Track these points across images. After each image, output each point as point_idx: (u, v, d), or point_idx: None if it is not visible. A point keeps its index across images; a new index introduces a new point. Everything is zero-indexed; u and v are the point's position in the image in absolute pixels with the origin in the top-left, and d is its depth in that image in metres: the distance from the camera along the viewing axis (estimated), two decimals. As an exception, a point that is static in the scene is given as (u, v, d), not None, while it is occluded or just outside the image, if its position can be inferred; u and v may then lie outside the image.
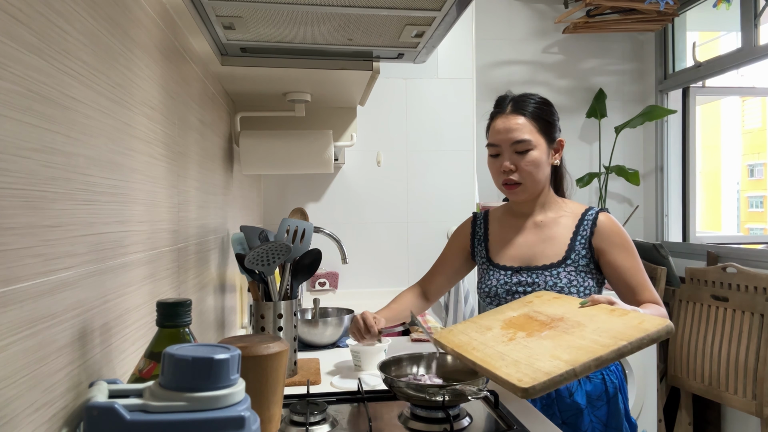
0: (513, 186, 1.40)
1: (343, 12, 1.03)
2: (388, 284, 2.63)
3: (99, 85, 0.72)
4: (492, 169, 1.44)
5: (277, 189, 2.60)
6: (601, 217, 1.39)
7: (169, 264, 1.05)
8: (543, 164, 1.39)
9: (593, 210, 1.41)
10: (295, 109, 1.84)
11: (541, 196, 1.44)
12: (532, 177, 1.38)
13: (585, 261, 1.37)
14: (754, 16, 2.75)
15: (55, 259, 0.60)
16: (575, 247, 1.38)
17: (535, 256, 1.41)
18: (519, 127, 1.38)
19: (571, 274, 1.37)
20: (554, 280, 1.37)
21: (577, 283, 1.36)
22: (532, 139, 1.37)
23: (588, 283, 1.37)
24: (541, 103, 1.42)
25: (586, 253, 1.37)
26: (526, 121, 1.38)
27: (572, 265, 1.37)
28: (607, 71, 3.41)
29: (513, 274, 1.42)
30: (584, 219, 1.40)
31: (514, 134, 1.37)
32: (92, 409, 0.52)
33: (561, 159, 1.47)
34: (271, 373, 0.88)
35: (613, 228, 1.38)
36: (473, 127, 2.69)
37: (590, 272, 1.38)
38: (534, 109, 1.40)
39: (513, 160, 1.38)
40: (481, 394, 1.08)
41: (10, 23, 0.52)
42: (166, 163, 1.05)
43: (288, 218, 1.42)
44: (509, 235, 1.48)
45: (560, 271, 1.37)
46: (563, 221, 1.42)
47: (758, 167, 9.47)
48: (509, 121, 1.39)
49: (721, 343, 2.56)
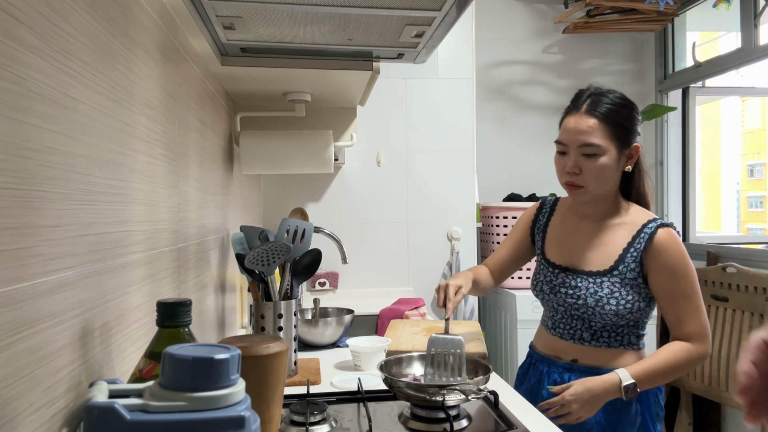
0: (575, 188, 1.34)
1: (343, 12, 1.03)
2: (388, 284, 2.63)
3: (99, 85, 0.72)
4: (557, 167, 1.38)
5: (277, 189, 2.60)
6: (660, 233, 1.30)
7: (169, 264, 1.05)
8: (610, 171, 1.32)
9: (655, 222, 1.33)
10: (295, 109, 1.84)
11: (606, 200, 1.38)
12: (596, 183, 1.32)
13: (633, 275, 1.31)
14: (754, 16, 2.75)
15: (55, 259, 0.60)
16: (625, 259, 1.32)
17: (584, 260, 1.37)
18: (589, 130, 1.30)
19: (615, 285, 1.32)
20: (596, 288, 1.33)
21: (618, 296, 1.31)
22: (602, 144, 1.29)
23: (632, 298, 1.31)
24: (620, 106, 1.33)
25: (635, 267, 1.31)
26: (598, 123, 1.30)
27: (618, 276, 1.32)
28: (607, 71, 3.42)
29: (559, 273, 1.40)
30: (642, 231, 1.32)
31: (583, 137, 1.30)
32: (92, 409, 0.52)
33: (638, 164, 1.38)
34: (271, 373, 0.88)
35: (669, 248, 1.29)
36: (473, 127, 2.69)
37: (637, 287, 1.32)
38: (610, 112, 1.31)
39: (578, 162, 1.31)
40: (481, 394, 1.08)
41: (10, 23, 0.52)
42: (166, 163, 1.05)
43: (288, 218, 1.42)
44: (566, 233, 1.44)
45: (604, 280, 1.33)
46: (621, 229, 1.35)
47: (758, 167, 9.47)
48: (581, 121, 1.31)
49: (721, 343, 2.56)
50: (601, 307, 1.32)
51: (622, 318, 1.32)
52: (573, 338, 1.38)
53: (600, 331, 1.36)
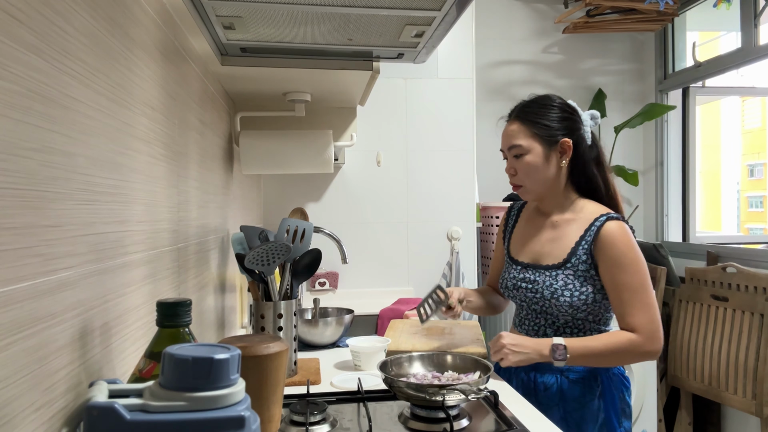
0: (517, 188, 1.45)
1: (343, 12, 1.03)
2: (388, 284, 2.63)
3: (99, 85, 0.72)
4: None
5: (277, 189, 2.60)
6: (608, 225, 1.35)
7: (169, 264, 1.05)
8: (539, 167, 1.40)
9: (605, 216, 1.37)
10: (295, 109, 1.84)
11: (557, 197, 1.44)
12: (530, 180, 1.41)
13: (585, 267, 1.36)
14: (754, 16, 2.75)
15: (55, 259, 0.60)
16: (577, 252, 1.37)
17: (543, 256, 1.43)
18: (513, 133, 1.42)
19: (569, 277, 1.36)
20: (551, 281, 1.38)
21: (572, 287, 1.36)
22: (524, 144, 1.40)
23: (585, 289, 1.35)
24: (537, 105, 1.42)
25: (586, 259, 1.36)
26: (519, 125, 1.42)
27: (571, 268, 1.37)
28: (607, 71, 3.41)
29: (521, 269, 1.46)
30: (593, 224, 1.37)
31: (509, 140, 1.43)
32: (92, 409, 0.52)
33: (584, 159, 1.42)
34: (271, 373, 0.88)
35: (615, 240, 1.33)
36: (473, 127, 2.69)
37: (591, 278, 1.36)
38: (527, 113, 1.42)
39: (512, 164, 1.44)
40: (481, 394, 1.08)
41: (10, 23, 0.52)
42: (166, 163, 1.05)
43: (288, 218, 1.42)
44: (528, 232, 1.51)
45: (559, 273, 1.38)
46: (575, 224, 1.41)
47: (758, 167, 9.47)
48: (507, 127, 1.45)
49: (721, 343, 2.56)
50: (555, 299, 1.36)
51: (578, 310, 1.36)
52: (537, 334, 1.43)
53: (563, 327, 1.40)
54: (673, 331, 2.80)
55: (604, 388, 1.37)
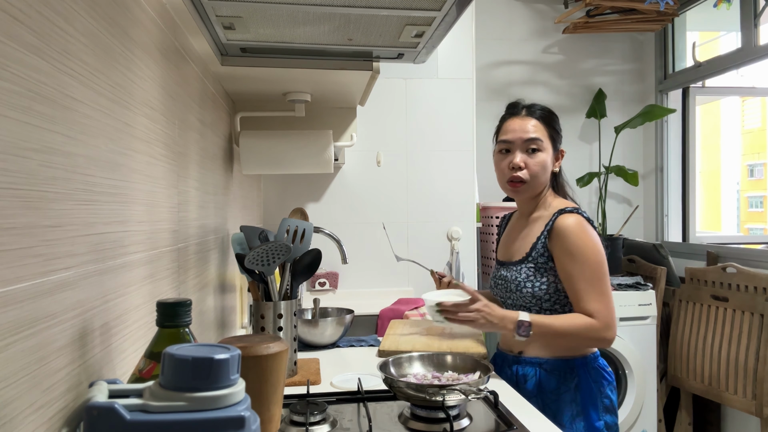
0: (518, 184, 1.47)
1: (343, 12, 1.03)
2: (388, 284, 2.63)
3: (99, 85, 0.72)
4: (500, 166, 1.51)
5: (277, 189, 2.60)
6: (559, 219, 1.41)
7: (169, 264, 1.05)
8: (548, 167, 1.48)
9: (561, 211, 1.43)
10: (295, 109, 1.84)
11: (538, 197, 1.51)
12: (537, 177, 1.46)
13: (543, 260, 1.42)
14: (754, 16, 2.75)
15: (55, 259, 0.60)
16: (536, 246, 1.44)
17: (514, 253, 1.51)
18: (533, 129, 1.47)
19: (530, 270, 1.43)
20: (516, 275, 1.45)
21: (534, 279, 1.42)
22: (543, 140, 1.46)
23: (546, 280, 1.41)
24: (551, 113, 1.52)
25: (544, 252, 1.42)
26: (538, 123, 1.48)
27: (532, 262, 1.44)
28: (607, 71, 3.41)
29: (498, 267, 1.55)
30: (551, 219, 1.43)
31: (529, 133, 1.46)
32: (92, 409, 0.52)
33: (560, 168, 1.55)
34: (271, 373, 0.88)
35: (566, 232, 1.38)
36: (473, 127, 2.69)
37: (551, 270, 1.42)
38: (545, 116, 1.50)
39: (524, 158, 1.46)
40: (481, 394, 1.08)
41: (10, 23, 0.52)
42: (166, 163, 1.05)
43: (288, 218, 1.42)
44: (510, 233, 1.59)
45: (522, 267, 1.45)
46: (541, 220, 1.48)
47: (758, 167, 9.47)
48: (524, 121, 1.48)
49: (721, 343, 2.56)
50: (519, 290, 1.44)
51: (542, 300, 1.41)
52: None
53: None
54: (673, 331, 2.80)
55: (581, 380, 1.40)
